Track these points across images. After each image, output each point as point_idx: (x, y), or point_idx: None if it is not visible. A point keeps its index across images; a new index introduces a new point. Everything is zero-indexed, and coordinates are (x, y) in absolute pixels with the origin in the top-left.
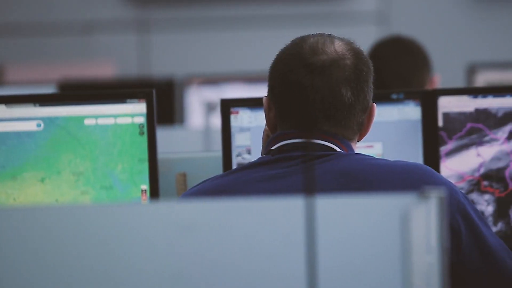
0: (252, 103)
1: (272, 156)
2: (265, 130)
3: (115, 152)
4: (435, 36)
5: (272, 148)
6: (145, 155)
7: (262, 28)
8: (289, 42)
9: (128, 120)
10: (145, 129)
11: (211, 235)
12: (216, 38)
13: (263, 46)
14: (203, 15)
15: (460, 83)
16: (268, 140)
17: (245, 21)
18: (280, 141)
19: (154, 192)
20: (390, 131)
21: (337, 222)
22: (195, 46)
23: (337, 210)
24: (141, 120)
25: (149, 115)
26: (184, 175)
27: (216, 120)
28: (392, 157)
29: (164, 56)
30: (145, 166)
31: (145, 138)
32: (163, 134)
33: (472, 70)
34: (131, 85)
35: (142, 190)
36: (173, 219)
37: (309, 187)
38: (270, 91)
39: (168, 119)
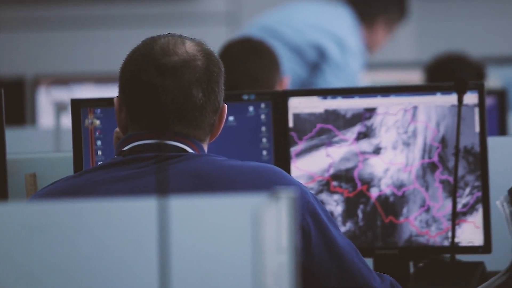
0: (103, 104)
1: (124, 157)
2: (115, 132)
3: None
4: None
5: (124, 149)
6: None
7: (112, 28)
8: (140, 42)
9: None
10: None
11: (62, 237)
12: (65, 37)
13: (114, 46)
14: (53, 14)
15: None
16: (120, 141)
17: (95, 21)
18: (132, 142)
19: (3, 193)
20: (241, 131)
21: (190, 223)
22: (45, 45)
23: (189, 210)
24: None
25: None
26: (34, 176)
27: (68, 121)
28: (242, 158)
29: (13, 55)
30: None
31: None
32: (13, 135)
33: None
34: None
35: None
36: (22, 220)
37: (162, 188)
38: (121, 91)
39: (19, 120)
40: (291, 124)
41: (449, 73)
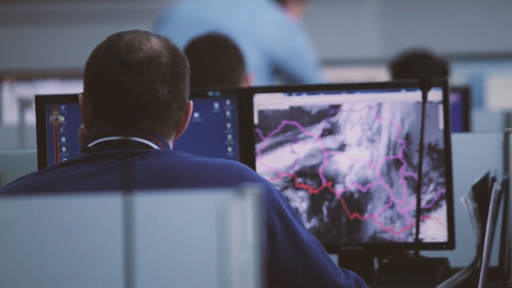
0: (67, 100)
1: (88, 154)
2: (80, 128)
3: None
4: None
5: (89, 145)
6: None
7: (77, 24)
8: (105, 38)
9: None
10: None
11: (26, 234)
12: (30, 33)
13: (78, 43)
14: (16, 10)
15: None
16: (85, 137)
17: (60, 17)
18: (97, 139)
19: None
20: (206, 128)
21: (155, 220)
22: (8, 41)
23: (155, 207)
24: None
25: None
26: None
27: (32, 117)
28: (208, 154)
29: None
30: None
31: None
32: None
33: None
34: None
35: None
36: None
37: (127, 185)
38: (86, 88)
39: None
40: (256, 120)
41: (413, 70)
